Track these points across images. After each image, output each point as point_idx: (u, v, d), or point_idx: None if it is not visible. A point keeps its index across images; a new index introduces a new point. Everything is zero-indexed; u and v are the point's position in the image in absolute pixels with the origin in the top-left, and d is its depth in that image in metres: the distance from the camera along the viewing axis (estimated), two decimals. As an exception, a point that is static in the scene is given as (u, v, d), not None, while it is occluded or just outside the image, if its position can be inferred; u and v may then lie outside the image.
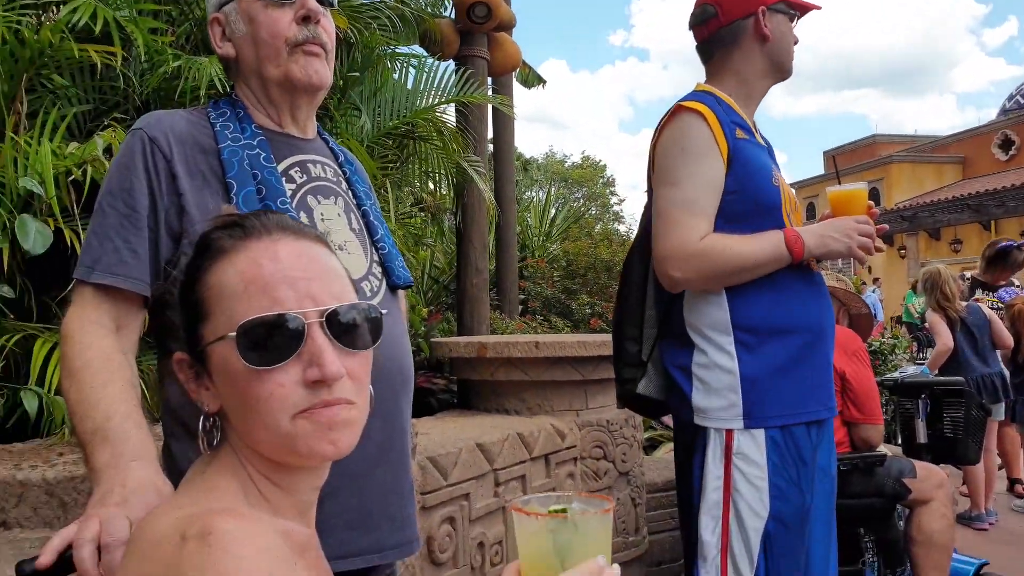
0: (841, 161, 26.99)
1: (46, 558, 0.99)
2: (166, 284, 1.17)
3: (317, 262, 0.89)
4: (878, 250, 1.95)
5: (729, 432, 1.85)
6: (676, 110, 1.92)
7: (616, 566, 0.76)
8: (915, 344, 13.61)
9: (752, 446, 1.84)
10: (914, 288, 14.70)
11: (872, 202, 2.01)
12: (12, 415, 2.44)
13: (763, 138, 2.11)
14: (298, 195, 1.43)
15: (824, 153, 30.47)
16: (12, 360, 2.47)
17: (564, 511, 0.78)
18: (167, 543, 0.75)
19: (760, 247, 1.85)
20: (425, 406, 4.18)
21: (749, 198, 1.90)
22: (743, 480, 1.84)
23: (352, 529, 1.36)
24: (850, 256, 1.92)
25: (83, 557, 0.97)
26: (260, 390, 0.82)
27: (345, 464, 0.96)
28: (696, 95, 1.97)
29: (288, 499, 0.90)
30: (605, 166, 41.41)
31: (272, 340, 0.82)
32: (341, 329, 0.86)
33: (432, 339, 4.32)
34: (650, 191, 2.03)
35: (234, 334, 0.82)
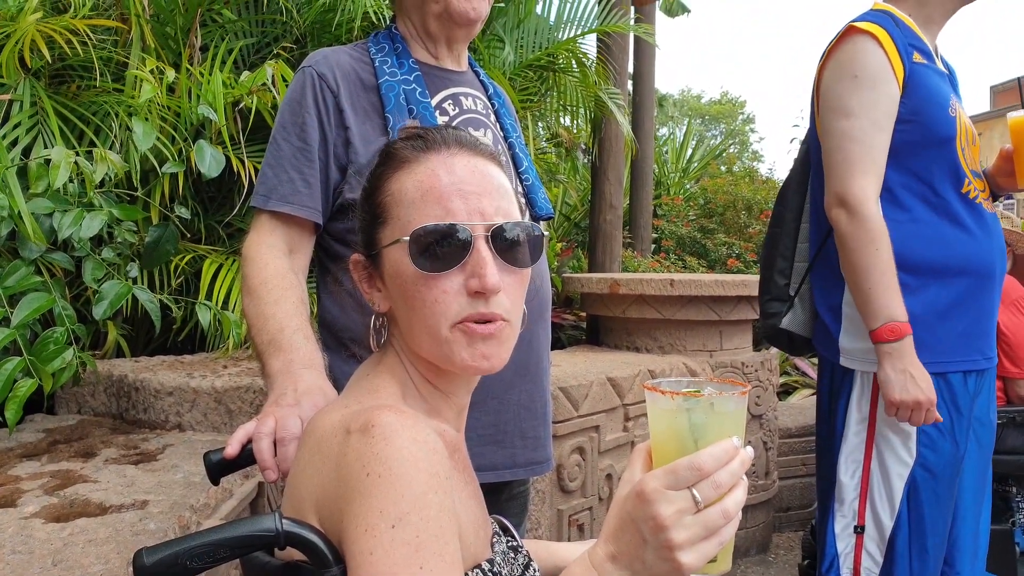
0: (1011, 98, 24.07)
1: (231, 449, 1.10)
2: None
3: (489, 178, 0.92)
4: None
5: (876, 375, 1.76)
6: (847, 32, 1.79)
7: (750, 447, 0.74)
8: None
9: None
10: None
11: None
12: (183, 329, 2.69)
13: (945, 64, 1.93)
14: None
15: (991, 88, 27.10)
16: (184, 278, 2.71)
17: (699, 392, 0.76)
18: (334, 437, 0.82)
19: (886, 284, 1.70)
20: (554, 341, 4.24)
21: (923, 128, 1.76)
22: (889, 425, 1.77)
23: (486, 444, 1.43)
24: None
25: (262, 449, 1.07)
26: (426, 295, 0.87)
27: (483, 382, 1.01)
28: (871, 15, 1.82)
29: (444, 402, 0.96)
30: (745, 102, 39.46)
31: (441, 248, 0.87)
32: (504, 245, 0.89)
33: (564, 274, 4.35)
34: (813, 119, 1.93)
35: (407, 238, 0.88)
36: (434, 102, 1.49)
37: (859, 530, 1.80)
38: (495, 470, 1.44)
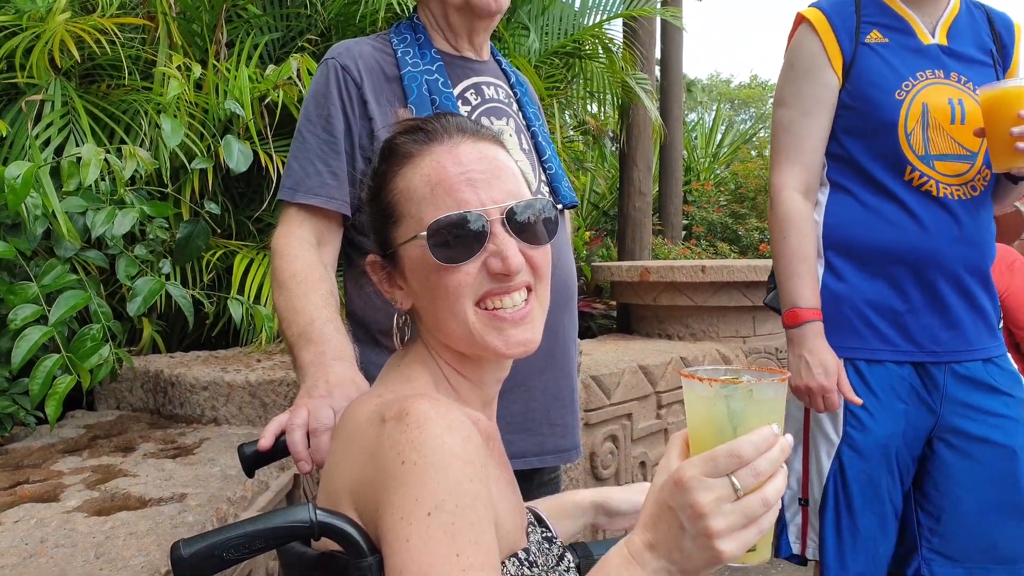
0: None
1: (265, 441, 1.10)
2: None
3: (495, 162, 0.92)
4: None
5: None
6: (795, 19, 1.79)
7: (789, 435, 0.72)
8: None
9: None
10: None
11: None
12: (216, 324, 2.72)
13: (961, 31, 1.76)
14: (473, 116, 1.47)
15: None
16: (216, 273, 2.74)
17: (737, 379, 0.75)
18: (369, 426, 0.81)
19: (791, 271, 1.72)
20: (584, 330, 4.21)
21: (861, 114, 1.71)
22: None
23: (514, 432, 1.42)
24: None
25: (295, 440, 1.07)
26: (449, 282, 0.87)
27: (510, 370, 1.00)
28: None
29: (474, 390, 0.95)
30: (775, 86, 38.83)
31: (459, 238, 0.87)
32: (520, 226, 0.89)
33: (593, 263, 4.32)
34: None
35: (425, 234, 0.87)
36: (456, 92, 1.48)
37: (804, 502, 1.83)
38: (523, 458, 1.45)
